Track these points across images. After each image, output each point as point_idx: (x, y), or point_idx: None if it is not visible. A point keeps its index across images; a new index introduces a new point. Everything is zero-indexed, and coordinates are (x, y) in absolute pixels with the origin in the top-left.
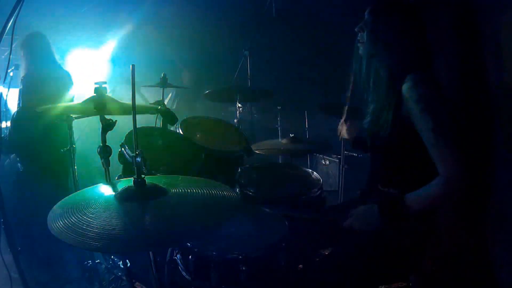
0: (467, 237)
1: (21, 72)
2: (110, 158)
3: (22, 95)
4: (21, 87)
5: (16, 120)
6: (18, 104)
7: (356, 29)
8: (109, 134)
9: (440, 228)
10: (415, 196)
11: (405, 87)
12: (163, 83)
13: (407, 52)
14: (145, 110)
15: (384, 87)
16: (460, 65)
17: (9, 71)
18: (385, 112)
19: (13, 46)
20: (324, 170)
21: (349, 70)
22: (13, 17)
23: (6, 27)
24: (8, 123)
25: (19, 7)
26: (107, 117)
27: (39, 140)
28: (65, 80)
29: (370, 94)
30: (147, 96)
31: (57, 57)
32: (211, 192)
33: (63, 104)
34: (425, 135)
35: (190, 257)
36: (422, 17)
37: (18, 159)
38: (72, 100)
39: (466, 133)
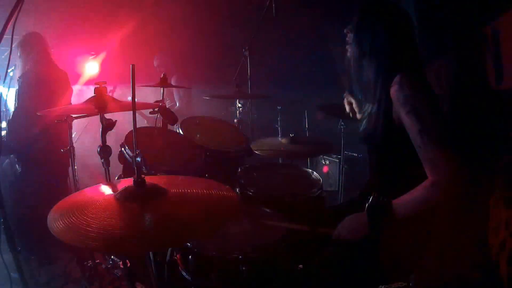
0: (467, 236)
1: (18, 72)
2: (110, 158)
3: (18, 96)
4: (17, 87)
5: (13, 121)
6: (15, 104)
7: (345, 30)
8: (109, 134)
9: (440, 228)
10: (402, 201)
11: (392, 89)
12: (163, 83)
13: (394, 53)
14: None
15: (373, 89)
16: (460, 66)
17: (9, 71)
18: (377, 115)
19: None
20: (324, 170)
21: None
22: (13, 17)
23: (6, 27)
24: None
25: (19, 7)
26: (107, 116)
27: (36, 141)
28: (62, 82)
29: (364, 96)
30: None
31: (53, 57)
32: (211, 192)
33: (61, 107)
34: (413, 137)
35: (190, 257)
36: (409, 17)
37: (16, 160)
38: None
39: (466, 136)
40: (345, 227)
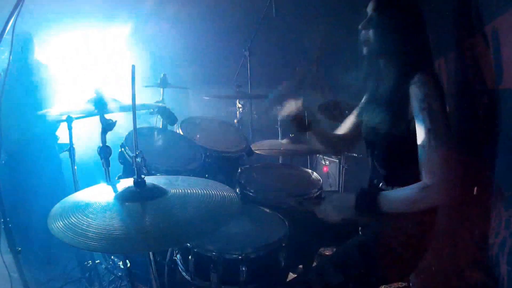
0: (467, 236)
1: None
2: (110, 158)
3: None
4: None
5: None
6: None
7: (360, 27)
8: (109, 134)
9: (440, 228)
10: (392, 195)
11: (413, 86)
12: (163, 83)
13: (413, 49)
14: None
15: (391, 86)
16: (461, 66)
17: None
18: (389, 112)
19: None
20: (324, 170)
21: (349, 70)
22: (13, 17)
23: (6, 27)
24: None
25: (19, 7)
26: (107, 117)
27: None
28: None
29: (372, 92)
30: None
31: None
32: (211, 192)
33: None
34: (420, 135)
35: (190, 257)
36: (422, 13)
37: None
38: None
39: (466, 137)
40: (331, 204)
